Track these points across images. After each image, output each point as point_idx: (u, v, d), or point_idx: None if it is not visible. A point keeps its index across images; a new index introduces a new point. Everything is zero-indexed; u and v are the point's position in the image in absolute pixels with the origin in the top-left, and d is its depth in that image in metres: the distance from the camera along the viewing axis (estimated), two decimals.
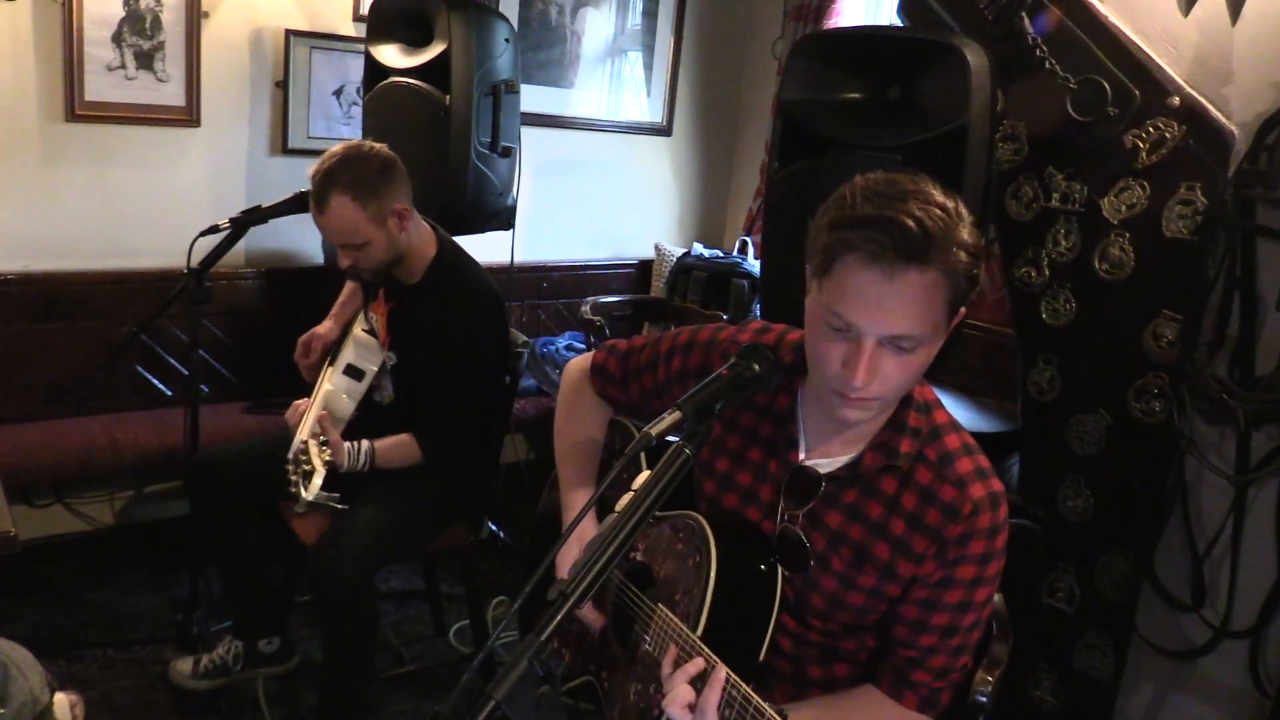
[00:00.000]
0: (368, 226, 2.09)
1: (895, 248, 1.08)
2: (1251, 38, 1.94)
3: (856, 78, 2.08)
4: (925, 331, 1.13)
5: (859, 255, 1.10)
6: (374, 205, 2.08)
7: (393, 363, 2.29)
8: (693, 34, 4.00)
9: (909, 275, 1.09)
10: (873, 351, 1.13)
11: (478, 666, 1.04)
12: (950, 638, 1.26)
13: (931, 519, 1.23)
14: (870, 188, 1.14)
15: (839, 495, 1.29)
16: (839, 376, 1.15)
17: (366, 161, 2.09)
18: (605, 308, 3.44)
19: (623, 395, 1.56)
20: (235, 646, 2.39)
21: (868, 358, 1.13)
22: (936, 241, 1.09)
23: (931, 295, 1.11)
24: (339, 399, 2.26)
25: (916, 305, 1.11)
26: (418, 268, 2.24)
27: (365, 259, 2.14)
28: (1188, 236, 1.98)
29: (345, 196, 2.06)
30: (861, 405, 1.18)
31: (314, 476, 2.01)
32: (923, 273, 1.10)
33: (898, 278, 1.09)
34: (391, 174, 2.13)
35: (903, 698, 1.28)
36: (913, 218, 1.09)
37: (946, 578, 1.24)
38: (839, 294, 1.13)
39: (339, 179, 2.06)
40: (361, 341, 2.34)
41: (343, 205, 2.06)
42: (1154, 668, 2.21)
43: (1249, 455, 1.98)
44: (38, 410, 2.77)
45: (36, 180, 2.72)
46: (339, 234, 2.11)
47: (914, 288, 1.10)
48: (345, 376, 2.29)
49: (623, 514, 1.10)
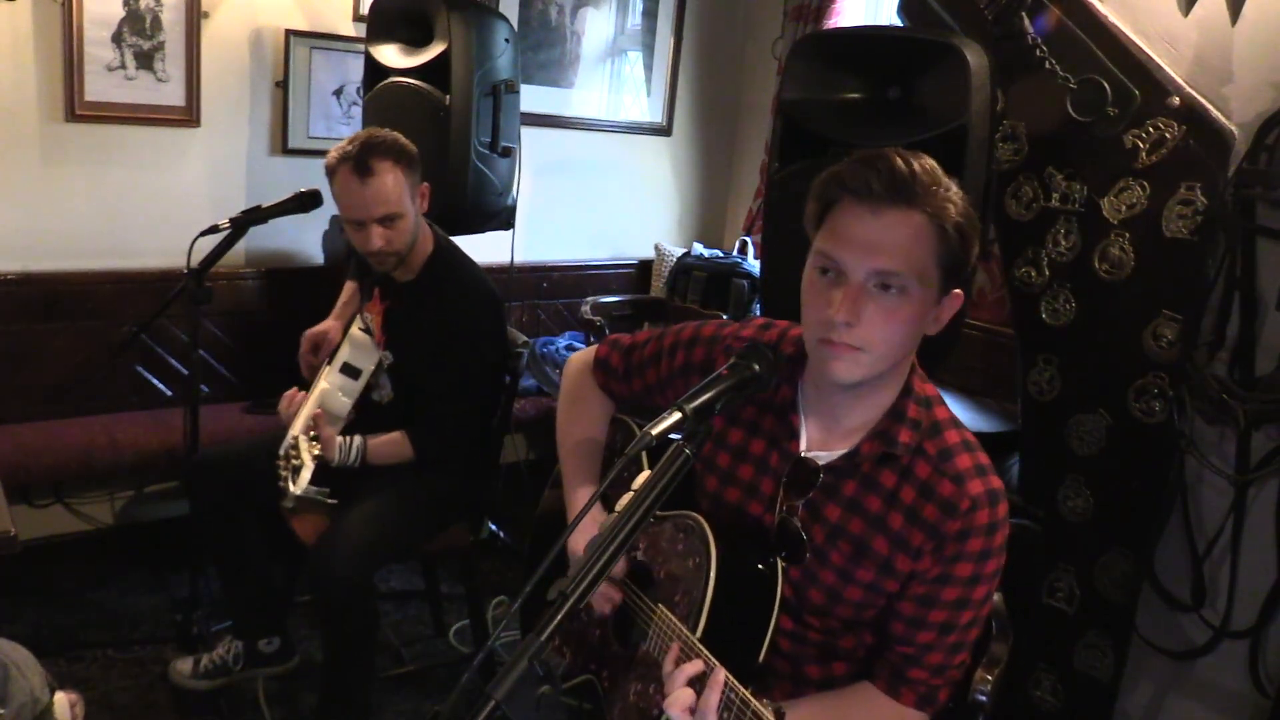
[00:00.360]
0: (405, 198, 2.10)
1: (882, 184, 1.15)
2: (1251, 38, 1.94)
3: (856, 78, 2.08)
4: (909, 272, 1.16)
5: (850, 197, 1.18)
6: (412, 176, 2.11)
7: (389, 362, 2.29)
8: (693, 34, 4.00)
9: (895, 213, 1.16)
10: (858, 289, 1.17)
11: (478, 666, 1.04)
12: (947, 635, 1.26)
13: (929, 514, 1.23)
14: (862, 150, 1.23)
15: (838, 488, 1.29)
16: (825, 320, 1.18)
17: (394, 137, 2.12)
18: (605, 308, 3.44)
19: (625, 389, 1.56)
20: (235, 646, 2.39)
21: (851, 294, 1.17)
22: (922, 183, 1.16)
23: (917, 237, 1.16)
24: (335, 397, 2.26)
25: (901, 243, 1.16)
26: (415, 264, 2.24)
27: (397, 237, 2.13)
28: (1188, 236, 1.98)
29: (389, 161, 2.06)
30: (849, 356, 1.19)
31: (302, 471, 2.01)
32: (908, 213, 1.16)
33: (883, 215, 1.16)
34: (414, 152, 2.15)
35: (900, 695, 1.28)
36: (901, 159, 1.17)
37: (944, 574, 1.24)
38: (829, 236, 1.20)
39: (378, 147, 2.06)
40: (358, 341, 2.34)
41: (389, 170, 2.06)
42: (1154, 668, 2.21)
43: (1249, 455, 1.98)
44: (38, 410, 2.77)
45: (36, 180, 2.72)
46: (383, 203, 2.07)
47: (899, 226, 1.16)
48: (342, 375, 2.29)
49: (623, 514, 1.10)
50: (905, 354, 1.26)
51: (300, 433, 2.11)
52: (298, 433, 2.11)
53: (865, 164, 1.17)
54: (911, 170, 1.16)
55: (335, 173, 2.10)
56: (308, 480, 2.00)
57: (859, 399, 1.27)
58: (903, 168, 1.16)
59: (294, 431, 2.13)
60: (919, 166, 1.17)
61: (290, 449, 2.07)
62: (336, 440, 2.16)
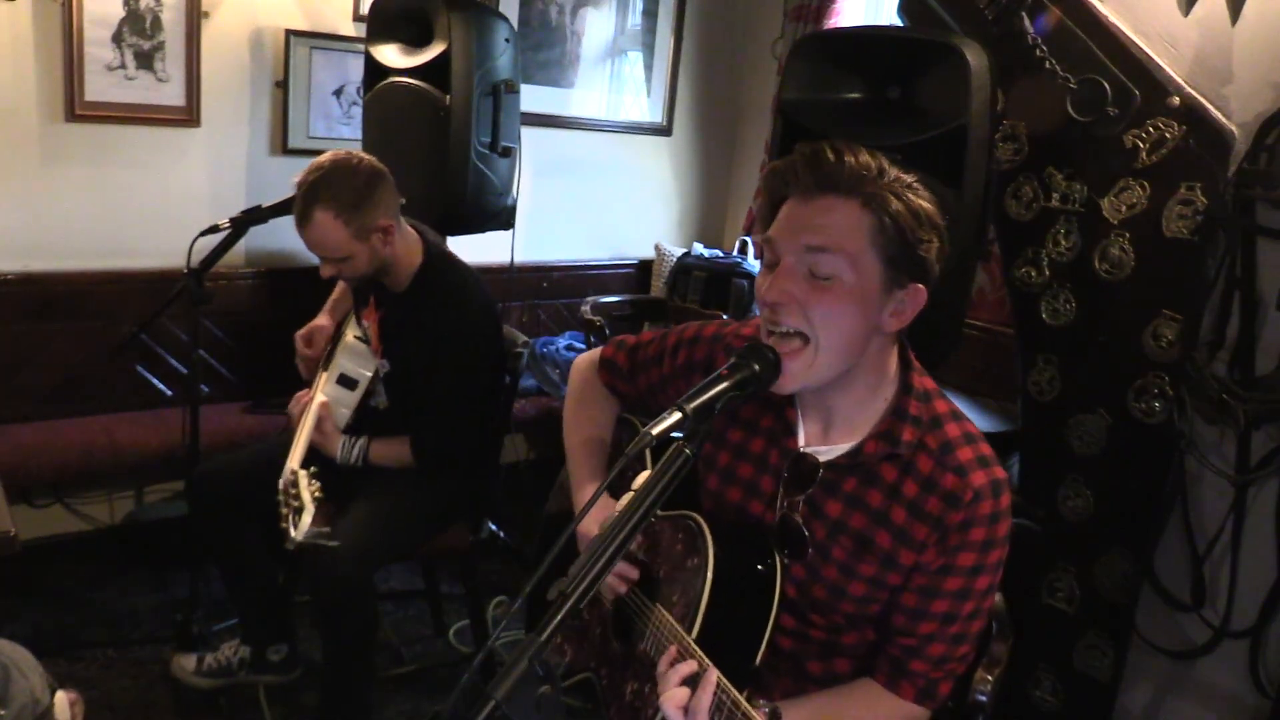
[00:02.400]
0: (350, 243, 2.06)
1: (813, 174, 1.17)
2: (1251, 38, 1.94)
3: (856, 78, 2.08)
4: (837, 250, 1.16)
5: (786, 192, 1.20)
6: (356, 222, 2.05)
7: (385, 370, 2.28)
8: (693, 34, 4.00)
9: (826, 199, 1.17)
10: (789, 270, 1.18)
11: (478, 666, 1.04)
12: (949, 625, 1.26)
13: (932, 507, 1.23)
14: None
15: (839, 483, 1.29)
16: (763, 300, 1.20)
17: (351, 175, 2.06)
18: (605, 308, 3.44)
19: (629, 388, 1.58)
20: (242, 650, 2.38)
21: (782, 274, 1.18)
22: (853, 171, 1.16)
23: (851, 222, 1.17)
24: (335, 409, 2.24)
25: (830, 223, 1.17)
26: (404, 276, 2.21)
27: (348, 270, 2.13)
28: (1188, 236, 1.98)
29: (328, 213, 2.03)
30: (790, 349, 1.19)
31: (303, 514, 1.94)
32: (841, 200, 1.17)
33: (815, 201, 1.18)
34: (376, 189, 2.08)
35: (900, 689, 1.28)
36: (834, 151, 1.17)
37: (947, 565, 1.24)
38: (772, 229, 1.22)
39: (322, 194, 2.03)
40: (354, 349, 2.32)
41: (325, 221, 2.03)
42: (1154, 668, 2.21)
43: (1249, 455, 1.98)
44: (38, 410, 2.77)
45: (36, 180, 2.72)
46: (320, 248, 2.08)
47: (832, 209, 1.17)
48: (339, 386, 2.27)
49: (623, 513, 1.10)
50: (858, 348, 1.22)
51: (298, 466, 2.04)
52: (296, 466, 2.04)
53: (800, 155, 1.19)
54: (840, 160, 1.16)
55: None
56: (309, 523, 1.93)
57: (846, 392, 1.27)
58: (830, 157, 1.16)
59: (292, 463, 2.06)
60: (852, 157, 1.17)
61: (290, 485, 2.00)
62: (340, 438, 2.17)
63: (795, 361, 1.19)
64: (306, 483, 1.98)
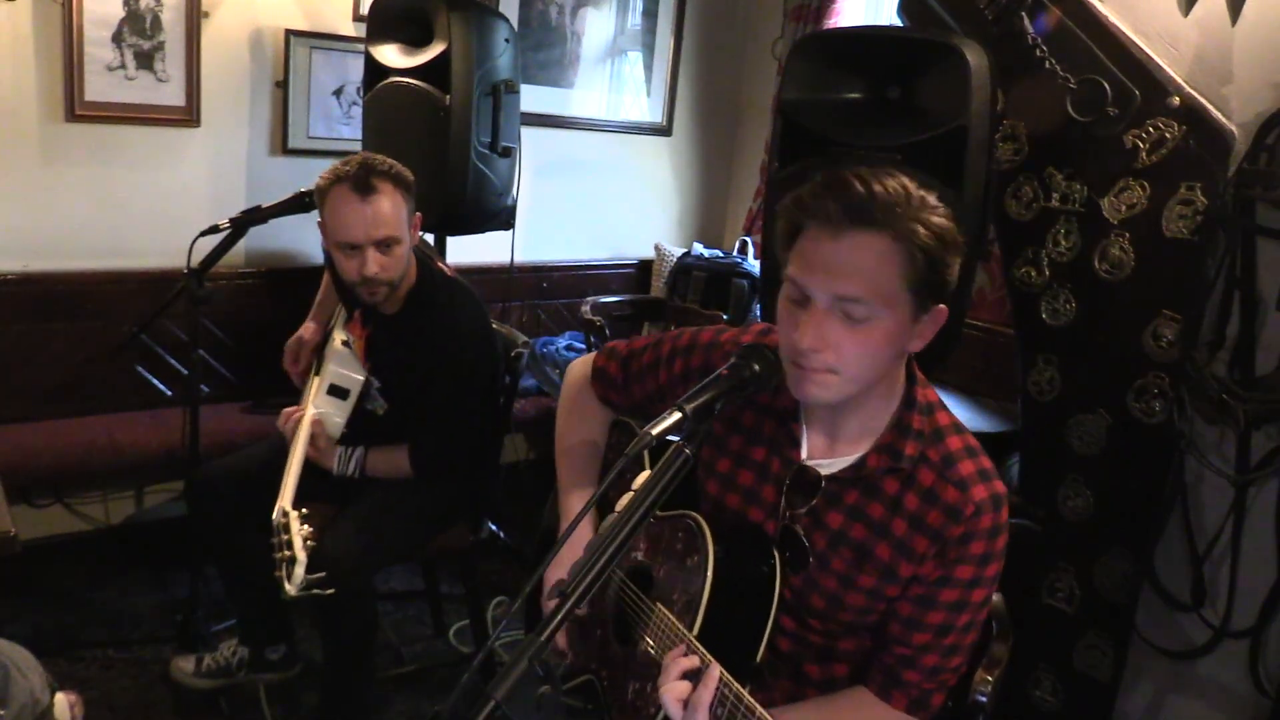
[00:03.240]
0: (404, 224, 2.03)
1: (842, 208, 1.13)
2: (1251, 38, 1.94)
3: (856, 78, 2.08)
4: (873, 297, 1.14)
5: (812, 224, 1.16)
6: (409, 203, 2.04)
7: (376, 386, 2.25)
8: (693, 34, 4.00)
9: (857, 236, 1.13)
10: (822, 315, 1.16)
11: (478, 666, 1.04)
12: (944, 637, 1.26)
13: (933, 520, 1.23)
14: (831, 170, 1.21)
15: (841, 495, 1.29)
16: (793, 345, 1.18)
17: (394, 162, 2.05)
18: (605, 308, 3.44)
19: (624, 399, 1.56)
20: (241, 651, 2.38)
21: (815, 319, 1.16)
22: (884, 206, 1.13)
23: (881, 261, 1.14)
24: (328, 420, 2.21)
25: (863, 267, 1.14)
26: (398, 296, 2.16)
27: (393, 264, 2.05)
28: (1188, 236, 1.98)
29: (389, 183, 2.00)
30: (818, 379, 1.18)
31: (296, 567, 1.88)
32: (870, 236, 1.13)
33: (844, 238, 1.14)
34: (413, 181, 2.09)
35: (892, 698, 1.28)
36: (860, 180, 1.14)
37: (944, 576, 1.24)
38: (796, 263, 1.19)
39: (379, 168, 1.99)
40: (342, 356, 2.27)
41: (390, 192, 1.99)
42: (1154, 668, 2.22)
43: (1249, 455, 1.98)
44: (38, 410, 2.77)
45: (36, 180, 2.72)
46: (382, 224, 1.99)
47: (861, 249, 1.14)
48: (330, 397, 2.23)
49: (622, 514, 1.10)
50: (883, 372, 1.24)
51: (289, 505, 1.97)
52: (287, 505, 1.97)
53: (825, 187, 1.15)
54: (870, 191, 1.13)
55: (329, 193, 2.01)
56: (302, 574, 1.87)
57: (857, 409, 1.27)
58: (860, 190, 1.13)
59: (283, 503, 1.98)
60: (880, 187, 1.13)
61: (282, 529, 1.92)
62: (336, 451, 2.16)
63: (823, 389, 1.20)
64: (298, 528, 1.91)
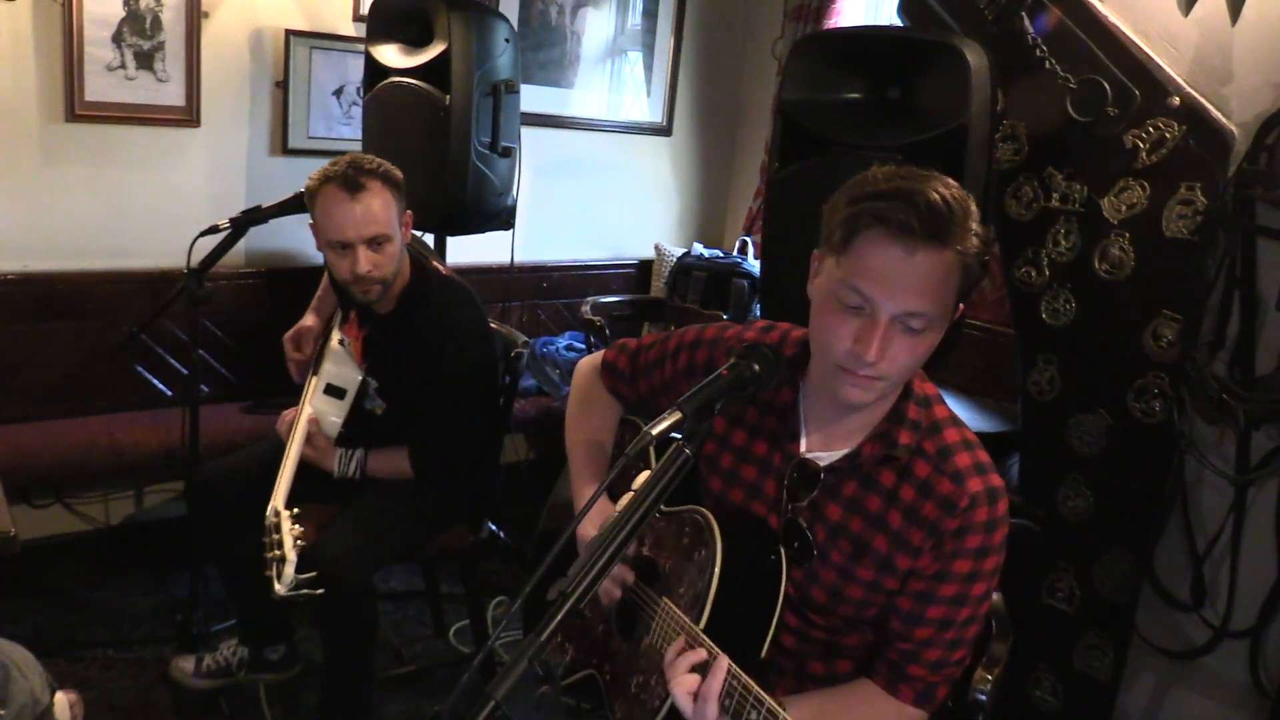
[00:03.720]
0: (394, 221, 2.04)
1: (920, 221, 1.12)
2: (1251, 38, 1.94)
3: (856, 78, 2.08)
4: (936, 312, 1.16)
5: (883, 229, 1.14)
6: (400, 201, 2.05)
7: (374, 387, 2.25)
8: (693, 34, 4.00)
9: (929, 253, 1.13)
10: (886, 327, 1.15)
11: (478, 666, 1.05)
12: (945, 631, 1.26)
13: (928, 512, 1.24)
14: (891, 170, 1.19)
15: (839, 487, 1.30)
16: (851, 353, 1.17)
17: (383, 161, 2.06)
18: (605, 308, 3.44)
19: (631, 392, 1.58)
20: (240, 651, 2.38)
21: (882, 333, 1.15)
22: (958, 219, 1.13)
23: (946, 277, 1.15)
24: (325, 420, 2.22)
25: (933, 284, 1.14)
26: (392, 295, 2.15)
27: (385, 263, 2.05)
28: (1188, 236, 1.99)
29: (379, 181, 2.00)
30: (867, 384, 1.19)
31: (285, 567, 1.89)
32: (940, 253, 1.13)
33: (919, 254, 1.13)
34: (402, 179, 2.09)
35: (898, 691, 1.28)
36: (938, 193, 1.13)
37: (942, 571, 1.24)
38: (859, 269, 1.16)
39: (368, 167, 2.00)
40: (339, 355, 2.27)
41: (380, 192, 2.00)
42: (1154, 668, 2.22)
43: (1249, 455, 1.98)
44: (38, 410, 2.77)
45: (36, 180, 2.72)
46: (372, 222, 2.00)
47: (932, 266, 1.14)
48: (328, 396, 2.24)
49: (623, 513, 1.10)
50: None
51: (282, 505, 1.98)
52: (280, 505, 1.98)
53: (905, 199, 1.13)
54: (948, 204, 1.13)
55: (318, 193, 2.01)
56: (292, 574, 1.88)
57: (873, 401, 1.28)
58: (941, 205, 1.12)
59: (276, 502, 1.99)
60: (954, 200, 1.14)
61: (273, 529, 1.93)
62: (336, 452, 2.16)
63: (868, 393, 1.21)
64: (288, 527, 1.91)
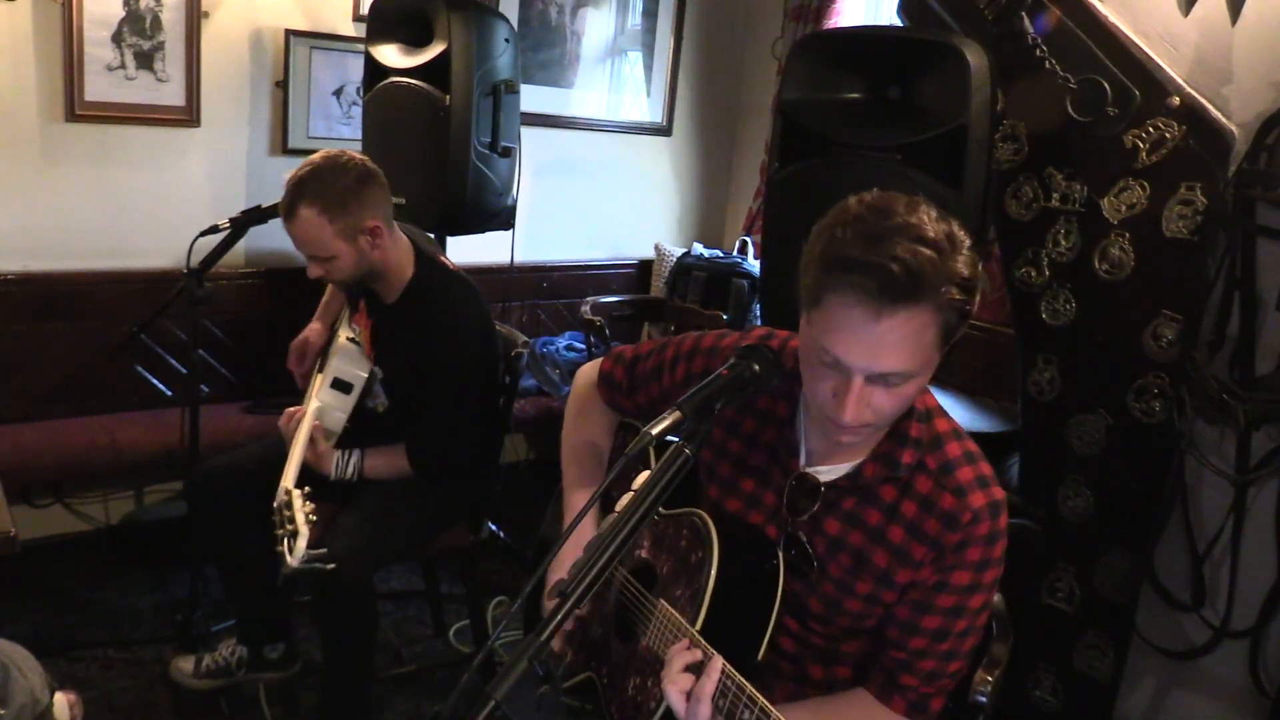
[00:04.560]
0: (335, 241, 2.04)
1: (881, 292, 1.07)
2: (1251, 38, 1.94)
3: (856, 78, 2.08)
4: (914, 368, 1.13)
5: (850, 295, 1.09)
6: (342, 220, 2.02)
7: (381, 377, 2.26)
8: (693, 34, 4.00)
9: (896, 316, 1.08)
10: (861, 388, 1.13)
11: (478, 666, 1.04)
12: (941, 642, 1.26)
13: (930, 528, 1.23)
14: (861, 221, 1.11)
15: (839, 502, 1.29)
16: (830, 405, 1.16)
17: (340, 173, 2.03)
18: (605, 308, 3.44)
19: (629, 403, 1.57)
20: (240, 650, 2.38)
21: (855, 394, 1.13)
22: (925, 282, 1.07)
23: (920, 333, 1.10)
24: (330, 414, 2.22)
25: (905, 344, 1.10)
26: (394, 287, 2.17)
27: (334, 272, 2.09)
28: (1188, 236, 1.99)
29: (313, 209, 2.00)
30: (854, 434, 1.20)
31: (298, 540, 1.89)
32: (911, 314, 1.08)
33: (885, 319, 1.08)
34: (365, 189, 2.05)
35: (891, 701, 1.28)
36: (899, 261, 1.06)
37: (941, 582, 1.24)
38: (827, 330, 1.12)
39: (308, 189, 2.01)
40: (347, 352, 2.28)
41: (310, 217, 2.00)
42: (1154, 668, 2.22)
43: (1249, 455, 1.98)
44: (38, 410, 2.77)
45: (36, 180, 2.72)
46: (304, 244, 2.06)
47: (902, 328, 1.09)
48: (333, 390, 2.24)
49: (622, 514, 1.10)
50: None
51: (292, 485, 1.99)
52: (290, 485, 1.99)
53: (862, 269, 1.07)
54: (910, 271, 1.06)
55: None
56: (304, 548, 1.88)
57: None
58: (900, 272, 1.05)
59: (286, 481, 2.01)
60: (917, 263, 1.06)
61: (284, 506, 1.95)
62: (334, 455, 2.16)
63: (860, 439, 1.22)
64: (300, 504, 1.93)
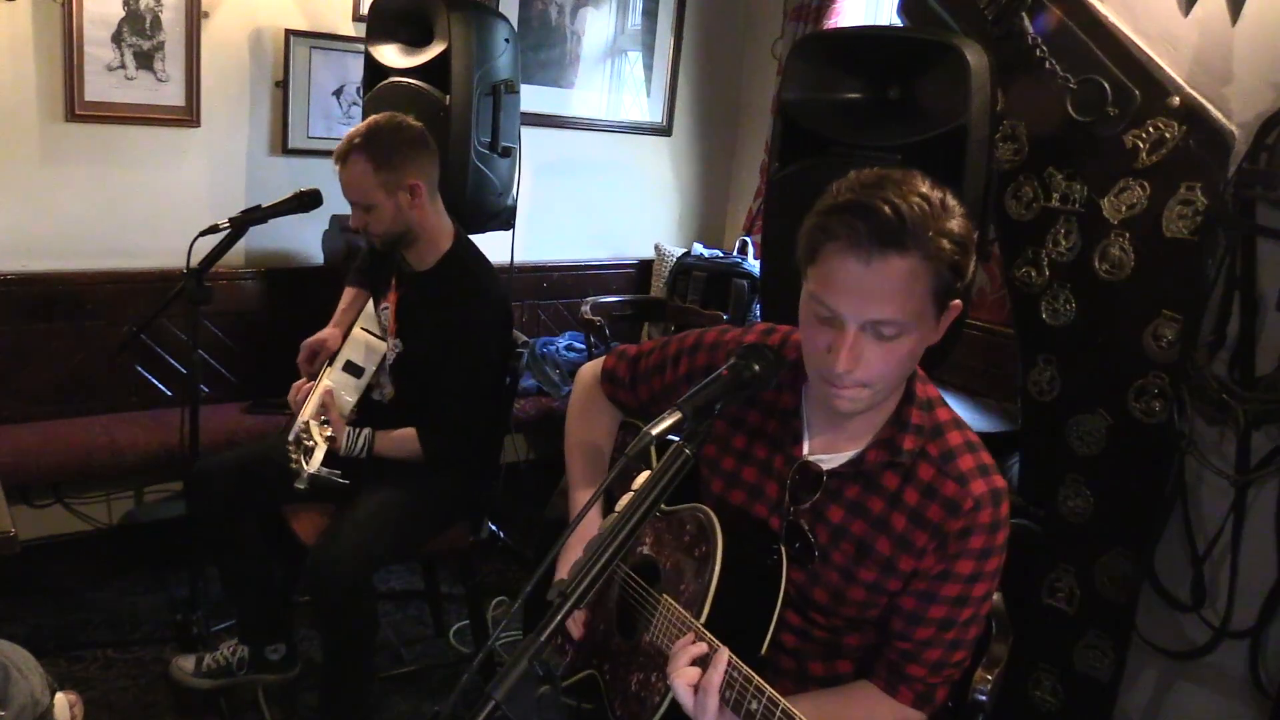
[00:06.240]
0: (377, 192, 2.16)
1: (870, 233, 1.11)
2: (1251, 38, 1.94)
3: (856, 78, 2.08)
4: (906, 317, 1.15)
5: (838, 243, 1.14)
6: (386, 173, 2.15)
7: (398, 351, 2.29)
8: (693, 34, 4.00)
9: (887, 261, 1.12)
10: (855, 337, 1.15)
11: (478, 666, 1.05)
12: (946, 631, 1.26)
13: (933, 515, 1.24)
14: (856, 179, 1.18)
15: (841, 490, 1.30)
16: (826, 362, 1.18)
17: (396, 131, 2.18)
18: (605, 308, 3.44)
19: (632, 399, 1.58)
20: (241, 650, 2.38)
21: (849, 343, 1.15)
22: (913, 227, 1.12)
23: (911, 281, 1.14)
24: (339, 395, 2.25)
25: (896, 290, 1.13)
26: (429, 255, 2.27)
27: (373, 223, 2.20)
28: (1188, 236, 1.98)
29: (362, 156, 2.14)
30: (853, 394, 1.19)
31: (315, 451, 2.04)
32: (901, 258, 1.12)
33: (875, 263, 1.12)
34: (414, 150, 2.19)
35: (897, 692, 1.29)
36: (889, 204, 1.12)
37: (945, 571, 1.24)
38: (822, 282, 1.17)
39: (364, 140, 2.16)
40: (360, 340, 2.35)
41: (358, 163, 2.15)
42: (1154, 668, 2.22)
43: (1249, 455, 1.98)
44: (38, 410, 2.77)
45: (36, 180, 2.72)
46: (349, 189, 2.19)
47: (893, 273, 1.13)
48: (344, 373, 2.30)
49: (623, 513, 1.10)
50: (908, 376, 1.27)
51: (311, 417, 2.13)
52: (308, 417, 2.13)
53: (852, 211, 1.13)
54: (899, 214, 1.11)
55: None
56: (321, 460, 2.03)
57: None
58: (889, 213, 1.11)
59: (304, 417, 2.15)
60: (907, 208, 1.11)
61: (302, 433, 2.10)
62: (345, 430, 2.18)
63: (856, 403, 1.21)
64: (318, 427, 2.08)
